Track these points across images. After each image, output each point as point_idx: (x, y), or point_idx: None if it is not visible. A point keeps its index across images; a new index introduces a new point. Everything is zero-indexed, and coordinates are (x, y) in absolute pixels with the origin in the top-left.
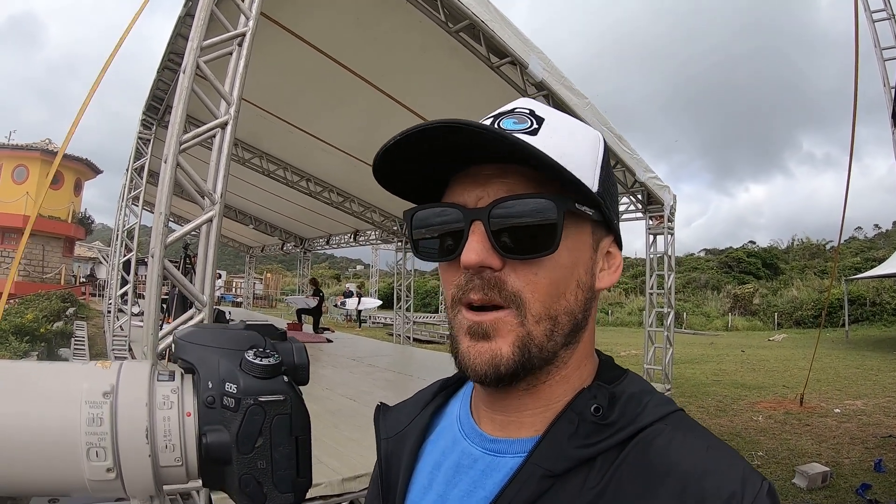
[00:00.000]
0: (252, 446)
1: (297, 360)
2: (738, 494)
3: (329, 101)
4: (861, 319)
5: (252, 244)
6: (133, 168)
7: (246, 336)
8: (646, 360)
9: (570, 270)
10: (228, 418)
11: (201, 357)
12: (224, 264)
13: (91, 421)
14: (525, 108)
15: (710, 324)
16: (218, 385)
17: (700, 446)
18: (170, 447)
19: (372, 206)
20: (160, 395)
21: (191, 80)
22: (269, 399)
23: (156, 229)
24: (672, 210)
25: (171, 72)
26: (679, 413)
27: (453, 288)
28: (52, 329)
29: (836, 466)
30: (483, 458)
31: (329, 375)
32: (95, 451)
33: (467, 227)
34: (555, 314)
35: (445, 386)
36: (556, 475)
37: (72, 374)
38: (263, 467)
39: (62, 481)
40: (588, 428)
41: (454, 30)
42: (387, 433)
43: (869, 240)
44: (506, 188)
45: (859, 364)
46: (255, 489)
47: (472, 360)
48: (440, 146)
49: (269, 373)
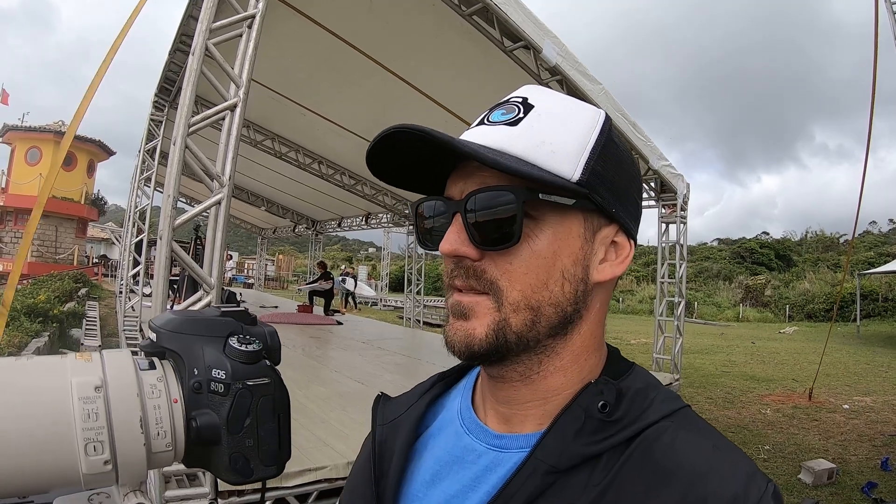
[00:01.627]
0: (241, 426)
1: (270, 343)
2: (742, 496)
3: (341, 83)
4: (873, 315)
5: (264, 226)
6: (145, 149)
7: (225, 323)
8: (655, 349)
9: (551, 261)
10: (217, 402)
11: (184, 345)
12: (236, 245)
13: (87, 416)
14: (520, 96)
15: (721, 314)
16: (204, 371)
17: (705, 446)
18: (161, 434)
19: (384, 189)
20: (147, 384)
21: (200, 63)
22: (255, 383)
23: (164, 211)
24: (685, 199)
25: (182, 54)
26: (685, 410)
27: (446, 276)
28: (64, 310)
29: (843, 463)
30: (487, 453)
31: (338, 358)
32: (93, 445)
33: (450, 218)
34: (536, 304)
35: (443, 377)
36: (560, 471)
37: (57, 371)
38: (251, 445)
39: (57, 478)
40: (594, 425)
41: (467, 13)
42: (383, 420)
43: (883, 234)
44: (481, 181)
45: (870, 360)
46: (244, 465)
47: (450, 336)
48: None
49: (253, 358)
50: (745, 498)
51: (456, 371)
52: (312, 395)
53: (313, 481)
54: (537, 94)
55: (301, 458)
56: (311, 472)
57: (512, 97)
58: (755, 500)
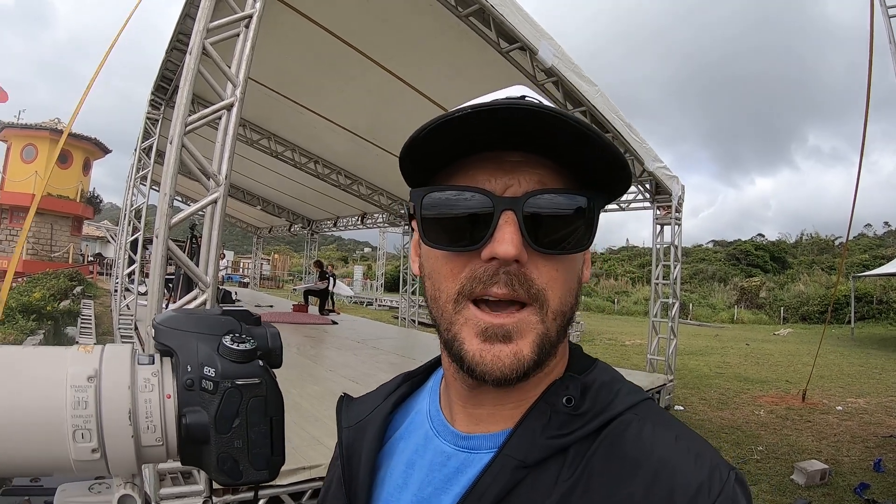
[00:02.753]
0: (229, 427)
1: (270, 344)
2: (706, 484)
3: (338, 82)
4: (867, 317)
5: (260, 225)
6: (141, 148)
7: (223, 321)
8: (649, 350)
9: (577, 267)
10: (207, 400)
11: (180, 342)
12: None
13: (77, 404)
14: (534, 98)
15: (716, 316)
16: (197, 368)
17: (669, 437)
18: (151, 428)
19: (379, 188)
20: (141, 378)
21: (197, 62)
22: (245, 382)
23: (160, 210)
24: (680, 200)
25: (179, 52)
26: (649, 402)
27: (461, 281)
28: (60, 308)
29: (836, 464)
30: (456, 455)
31: (333, 357)
32: (81, 432)
33: (497, 216)
34: (566, 309)
35: (410, 377)
36: (529, 466)
37: (57, 359)
38: (240, 446)
39: (48, 462)
40: (560, 419)
41: (464, 14)
42: (348, 422)
43: (878, 237)
44: (537, 179)
45: (864, 362)
46: (233, 466)
47: (488, 364)
48: (480, 127)
49: (245, 357)
50: (710, 486)
51: (422, 371)
52: (306, 394)
53: (307, 479)
54: (541, 99)
55: (295, 456)
56: (305, 471)
57: (526, 97)
58: (719, 487)
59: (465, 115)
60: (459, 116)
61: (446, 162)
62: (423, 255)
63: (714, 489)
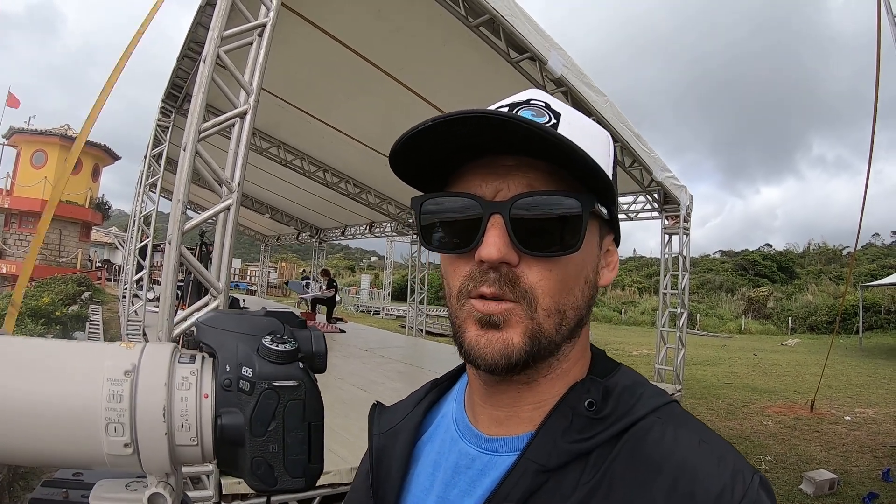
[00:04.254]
0: (265, 430)
1: (314, 348)
2: (729, 488)
3: (348, 92)
4: (875, 327)
5: (268, 233)
6: (151, 155)
7: (265, 322)
8: (657, 360)
9: (581, 268)
10: (244, 401)
11: (220, 341)
12: (239, 252)
13: (111, 397)
14: (540, 100)
15: (724, 326)
16: (235, 368)
17: (692, 440)
18: (186, 426)
19: (388, 197)
20: (179, 376)
21: (211, 70)
22: (283, 384)
23: (174, 216)
24: (688, 210)
25: (190, 60)
26: (672, 405)
27: (461, 279)
28: (68, 312)
29: (844, 474)
30: (480, 457)
31: (341, 365)
32: (114, 426)
33: (486, 220)
34: (563, 308)
35: (437, 384)
36: (551, 470)
37: (96, 353)
38: (275, 451)
39: (82, 454)
40: (582, 422)
41: (474, 24)
42: (380, 430)
43: (886, 247)
44: (526, 182)
45: (872, 372)
46: (267, 472)
47: (481, 349)
48: (462, 134)
49: (284, 358)
50: (732, 490)
51: (448, 377)
52: None
53: (318, 486)
54: (555, 102)
55: None
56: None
57: (532, 99)
58: (741, 492)
59: (427, 128)
60: (423, 129)
61: (448, 168)
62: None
63: (737, 493)
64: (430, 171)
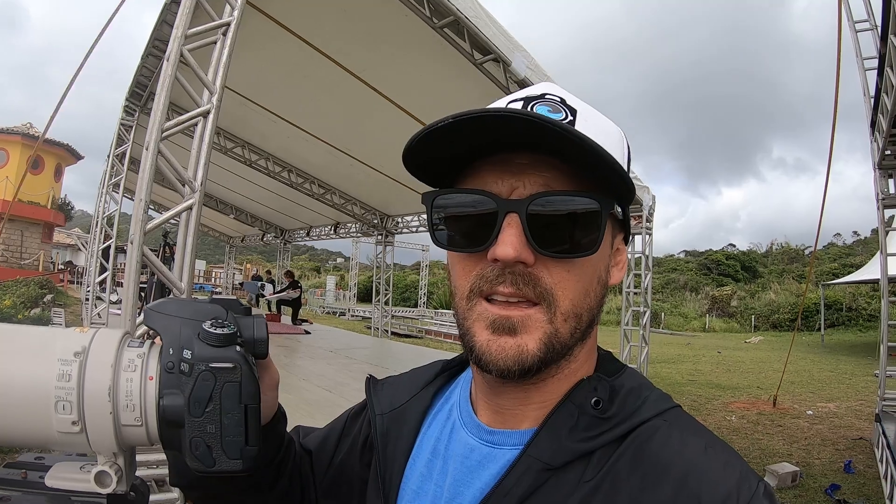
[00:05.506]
0: (202, 410)
1: (256, 333)
2: (734, 495)
3: (313, 91)
4: (837, 324)
5: (232, 234)
6: (114, 154)
7: (209, 308)
8: (621, 358)
9: (596, 268)
10: (184, 383)
11: (165, 325)
12: (204, 254)
13: (61, 377)
14: (555, 95)
15: (688, 324)
16: (177, 351)
17: (698, 445)
18: (130, 406)
19: (352, 198)
20: (126, 358)
21: (174, 68)
22: (219, 366)
23: (136, 216)
24: (651, 210)
25: (155, 59)
26: (677, 409)
27: (472, 279)
28: (30, 315)
29: (807, 467)
30: (480, 448)
31: (306, 366)
32: (63, 404)
33: (501, 218)
34: (580, 311)
35: (447, 367)
36: (554, 468)
37: (50, 336)
38: (213, 432)
39: (34, 431)
40: (587, 421)
41: (438, 25)
42: (382, 409)
43: (847, 246)
44: (543, 181)
45: (833, 368)
46: (205, 452)
47: (493, 354)
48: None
49: (222, 342)
50: (738, 496)
51: (459, 362)
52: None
53: None
54: (570, 97)
55: None
56: None
57: (547, 94)
58: (746, 498)
59: (450, 124)
60: (446, 126)
61: (462, 163)
62: (448, 253)
63: (742, 499)
64: (440, 168)
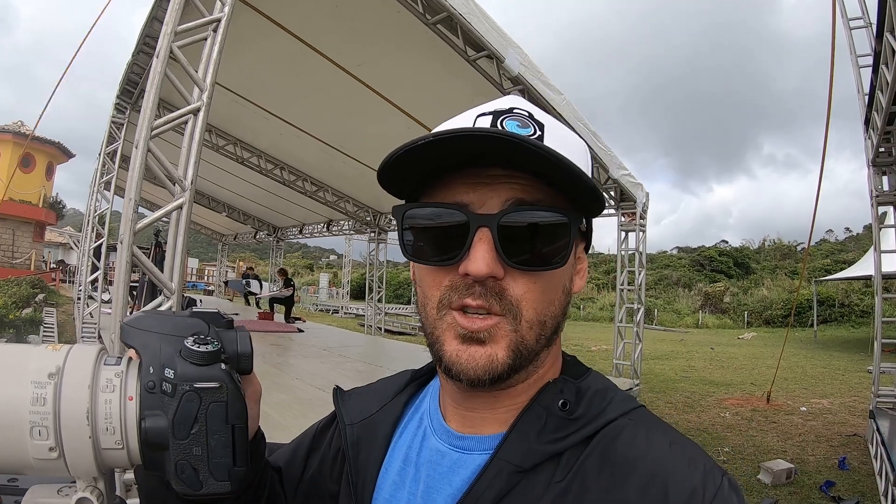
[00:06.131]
0: (187, 432)
1: (240, 348)
2: (700, 490)
3: (305, 88)
4: (830, 320)
5: (225, 232)
6: (106, 152)
7: (190, 323)
8: (615, 355)
9: (561, 279)
10: (167, 403)
11: (144, 342)
12: (196, 252)
13: (35, 400)
14: (524, 109)
15: (681, 321)
16: (158, 370)
17: (663, 442)
18: (110, 430)
19: (345, 195)
20: (104, 378)
21: (164, 65)
22: (204, 386)
23: (125, 215)
24: (644, 207)
25: (145, 55)
26: (642, 409)
27: (442, 290)
28: (21, 315)
29: (801, 463)
30: (450, 454)
31: (299, 365)
32: (38, 429)
33: (473, 233)
34: (545, 319)
35: (416, 377)
36: (525, 470)
37: (22, 355)
38: (199, 454)
39: (8, 458)
40: (555, 423)
41: (431, 21)
42: (351, 419)
43: (840, 242)
44: (513, 195)
45: (826, 364)
46: (191, 475)
47: (464, 364)
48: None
49: (206, 360)
50: (703, 490)
51: (428, 370)
52: (273, 402)
53: None
54: (536, 111)
55: None
56: None
57: (515, 108)
58: (713, 492)
59: (428, 143)
60: (422, 145)
61: (431, 175)
62: (415, 264)
63: (708, 493)
64: (407, 182)
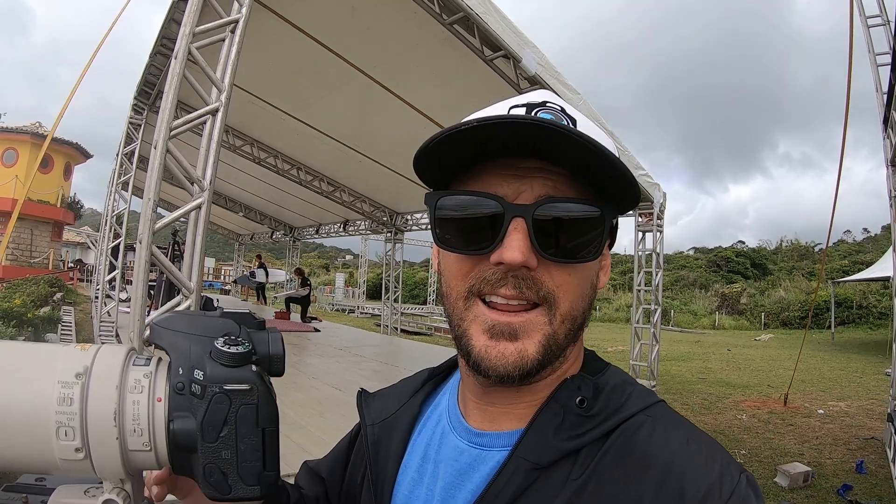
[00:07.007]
0: (217, 435)
1: (271, 350)
2: (717, 486)
3: (322, 89)
4: (847, 322)
5: (242, 232)
6: (123, 153)
7: (220, 324)
8: (632, 356)
9: (591, 273)
10: (195, 405)
11: (173, 343)
12: (213, 251)
13: (61, 400)
14: (555, 104)
15: (697, 322)
16: (188, 371)
17: (681, 438)
18: (138, 431)
19: (362, 195)
20: (132, 378)
21: (182, 66)
22: (234, 388)
23: (144, 215)
24: (661, 207)
25: (163, 57)
26: (661, 404)
27: (472, 280)
28: (40, 314)
29: (818, 467)
30: (469, 451)
31: (315, 364)
32: (65, 430)
33: (508, 222)
34: (576, 314)
35: (433, 375)
36: (542, 467)
37: (50, 355)
38: (228, 457)
39: (35, 458)
40: (572, 420)
41: (448, 21)
42: (372, 419)
43: (858, 243)
44: (548, 187)
45: (844, 366)
46: (220, 479)
47: (492, 360)
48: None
49: (236, 361)
50: (720, 488)
51: (446, 368)
52: (290, 402)
53: None
54: (563, 104)
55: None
56: (290, 479)
57: (548, 102)
58: (729, 489)
59: (470, 129)
60: (463, 130)
61: (464, 166)
62: (440, 254)
63: (725, 491)
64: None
